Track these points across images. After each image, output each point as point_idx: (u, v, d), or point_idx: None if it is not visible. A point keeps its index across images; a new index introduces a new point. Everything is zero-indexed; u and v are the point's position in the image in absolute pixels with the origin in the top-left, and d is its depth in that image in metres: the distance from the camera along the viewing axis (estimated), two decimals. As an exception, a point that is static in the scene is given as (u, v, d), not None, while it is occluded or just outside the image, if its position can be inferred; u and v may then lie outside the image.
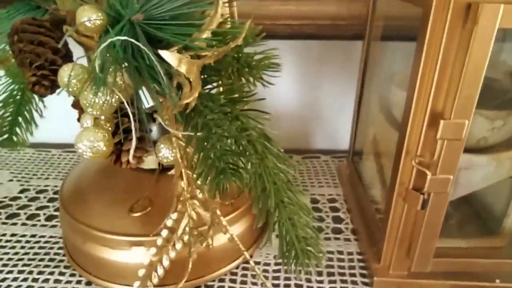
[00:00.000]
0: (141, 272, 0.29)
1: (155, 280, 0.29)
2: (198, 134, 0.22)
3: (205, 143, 0.21)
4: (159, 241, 0.30)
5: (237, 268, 0.37)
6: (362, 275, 0.36)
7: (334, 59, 0.55)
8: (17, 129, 0.40)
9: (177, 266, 0.32)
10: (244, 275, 0.36)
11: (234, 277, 0.36)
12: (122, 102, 0.24)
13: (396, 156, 0.31)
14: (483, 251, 0.34)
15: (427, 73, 0.26)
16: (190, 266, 0.29)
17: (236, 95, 0.24)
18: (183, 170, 0.26)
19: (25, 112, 0.39)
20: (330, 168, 0.55)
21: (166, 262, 0.30)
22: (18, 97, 0.39)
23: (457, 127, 0.27)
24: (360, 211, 0.43)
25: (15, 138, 0.40)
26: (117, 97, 0.23)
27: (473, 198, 0.39)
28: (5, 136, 0.39)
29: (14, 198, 0.47)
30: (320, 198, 0.48)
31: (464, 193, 0.34)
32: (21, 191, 0.49)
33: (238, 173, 0.20)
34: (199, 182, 0.22)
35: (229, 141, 0.21)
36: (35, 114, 0.40)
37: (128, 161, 0.27)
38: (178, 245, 0.29)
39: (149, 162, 0.36)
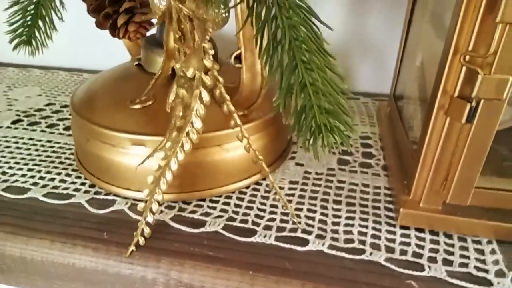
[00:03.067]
0: (150, 179, 0.27)
1: (163, 187, 0.27)
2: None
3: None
4: (168, 144, 0.27)
5: (247, 188, 0.33)
6: (387, 209, 0.31)
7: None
8: (36, 32, 0.39)
9: (180, 175, 0.30)
10: (253, 195, 0.33)
11: (242, 196, 0.33)
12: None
13: (442, 57, 0.25)
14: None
15: None
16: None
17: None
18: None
19: (44, 15, 0.38)
20: (369, 110, 0.49)
21: (174, 166, 0.27)
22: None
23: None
24: (395, 149, 0.37)
25: (33, 41, 0.39)
26: None
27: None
28: (23, 38, 0.38)
29: (38, 110, 0.47)
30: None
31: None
32: (47, 105, 0.49)
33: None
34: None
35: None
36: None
37: (126, 29, 0.24)
38: (187, 146, 0.27)
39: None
